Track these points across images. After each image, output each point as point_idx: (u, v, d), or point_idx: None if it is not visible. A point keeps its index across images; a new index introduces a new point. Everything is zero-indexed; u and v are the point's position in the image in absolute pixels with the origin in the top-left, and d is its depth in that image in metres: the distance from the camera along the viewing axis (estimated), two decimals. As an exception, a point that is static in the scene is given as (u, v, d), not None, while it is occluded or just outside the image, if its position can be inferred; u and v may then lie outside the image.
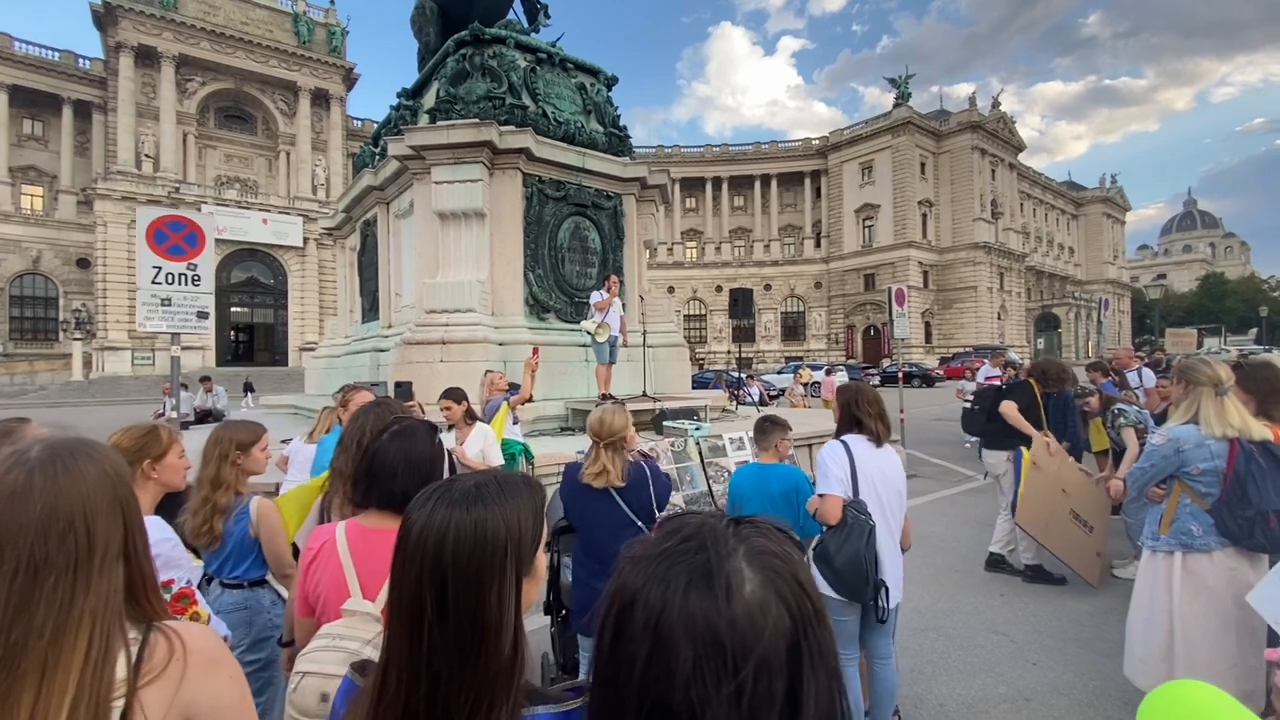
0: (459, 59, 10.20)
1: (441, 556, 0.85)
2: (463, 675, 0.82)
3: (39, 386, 34.66)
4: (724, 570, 0.54)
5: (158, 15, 39.96)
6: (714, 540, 0.57)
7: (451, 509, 0.89)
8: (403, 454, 1.63)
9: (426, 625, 0.83)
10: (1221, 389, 2.71)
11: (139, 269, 4.75)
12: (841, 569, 2.74)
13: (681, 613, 0.52)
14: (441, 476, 1.72)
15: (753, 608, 0.52)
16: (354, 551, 1.59)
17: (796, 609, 0.54)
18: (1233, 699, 0.71)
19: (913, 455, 11.36)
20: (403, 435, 1.66)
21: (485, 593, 0.84)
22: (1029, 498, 4.83)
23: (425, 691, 0.82)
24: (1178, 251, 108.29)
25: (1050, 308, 60.01)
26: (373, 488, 1.62)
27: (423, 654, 0.83)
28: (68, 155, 42.24)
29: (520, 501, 0.93)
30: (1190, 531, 2.71)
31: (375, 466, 1.61)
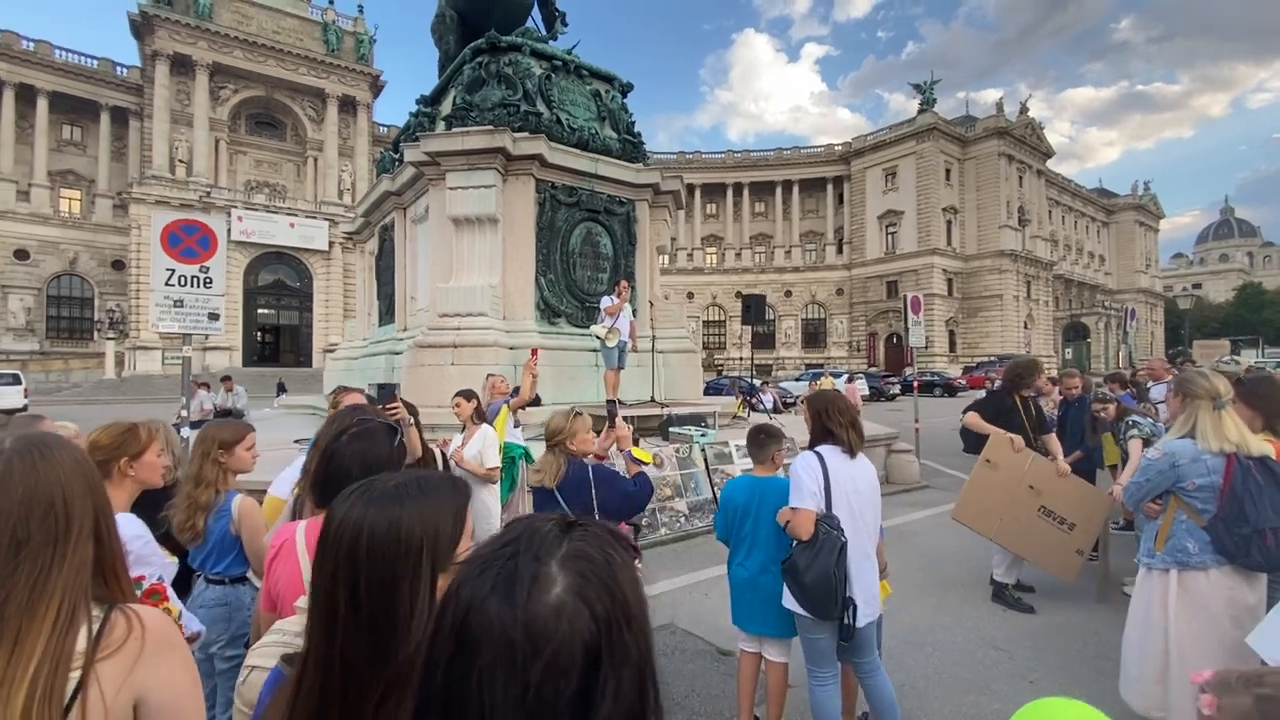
0: (475, 66, 10.35)
1: (356, 552, 0.87)
2: (374, 667, 0.85)
3: (73, 384, 35.76)
4: (531, 574, 0.55)
5: (193, 25, 41.16)
6: (531, 544, 0.58)
7: (369, 507, 0.91)
8: (359, 455, 1.65)
9: (341, 618, 0.86)
10: (1219, 403, 2.63)
11: (153, 271, 4.89)
12: (810, 585, 2.69)
13: (482, 615, 0.54)
14: None
15: (550, 611, 0.54)
16: (311, 549, 1.62)
17: (602, 612, 0.55)
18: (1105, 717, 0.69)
19: (927, 465, 11.19)
20: (361, 437, 1.69)
21: (397, 589, 0.87)
22: (973, 492, 4.80)
23: (339, 682, 0.85)
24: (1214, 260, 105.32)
25: (1079, 317, 58.67)
26: (328, 488, 1.65)
27: (337, 646, 0.86)
28: (105, 160, 43.62)
29: (440, 502, 0.95)
30: (1186, 549, 2.63)
31: (331, 467, 1.64)
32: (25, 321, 40.48)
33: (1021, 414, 5.12)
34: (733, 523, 3.15)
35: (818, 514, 2.77)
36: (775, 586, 3.00)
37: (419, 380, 8.81)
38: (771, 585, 3.00)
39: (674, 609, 4.75)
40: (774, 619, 3.00)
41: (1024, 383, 5.25)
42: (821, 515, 2.77)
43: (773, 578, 3.00)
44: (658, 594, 5.10)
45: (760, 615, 3.03)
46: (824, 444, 2.96)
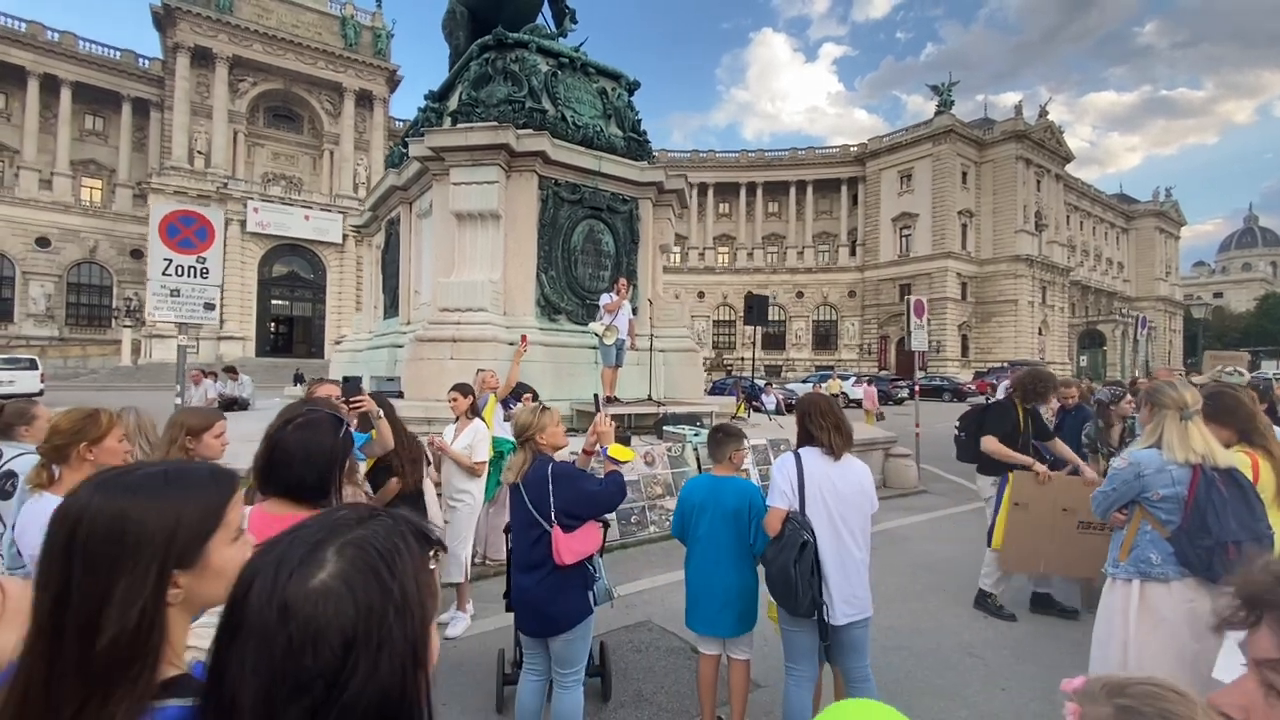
0: (482, 63, 10.40)
1: (72, 541, 0.80)
2: (79, 662, 0.77)
3: (90, 370, 36.38)
4: (301, 557, 0.58)
5: (214, 17, 41.66)
6: (319, 530, 0.61)
7: (98, 494, 0.84)
8: (301, 444, 1.69)
9: (51, 607, 0.79)
10: (1186, 413, 2.60)
11: (150, 261, 4.98)
12: (773, 578, 2.81)
13: (253, 595, 0.57)
14: (343, 468, 1.78)
15: (310, 592, 0.56)
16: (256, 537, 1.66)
17: (364, 599, 0.57)
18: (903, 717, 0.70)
19: (927, 470, 11.13)
20: (305, 426, 1.72)
21: (111, 583, 0.79)
22: (1012, 540, 4.61)
23: (42, 674, 0.77)
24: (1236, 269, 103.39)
25: (1096, 324, 57.91)
26: (270, 476, 1.69)
27: (46, 637, 0.78)
28: (126, 150, 44.29)
29: (188, 495, 0.89)
30: (1149, 559, 2.61)
31: (274, 456, 1.68)
32: (46, 308, 41.25)
33: (1025, 423, 4.95)
34: (688, 522, 3.15)
35: (788, 512, 2.84)
36: (730, 585, 3.03)
37: (418, 374, 8.90)
38: (727, 584, 3.03)
39: (653, 606, 4.78)
40: (729, 619, 3.03)
41: (1039, 397, 5.02)
42: (790, 514, 2.84)
43: (728, 577, 3.03)
44: (640, 591, 5.12)
45: (714, 616, 3.05)
46: (807, 446, 3.00)
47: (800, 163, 59.05)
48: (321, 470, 1.71)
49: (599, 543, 2.91)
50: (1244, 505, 2.50)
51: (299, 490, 1.69)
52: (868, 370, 46.14)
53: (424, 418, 7.39)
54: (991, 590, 4.85)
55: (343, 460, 1.78)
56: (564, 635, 2.79)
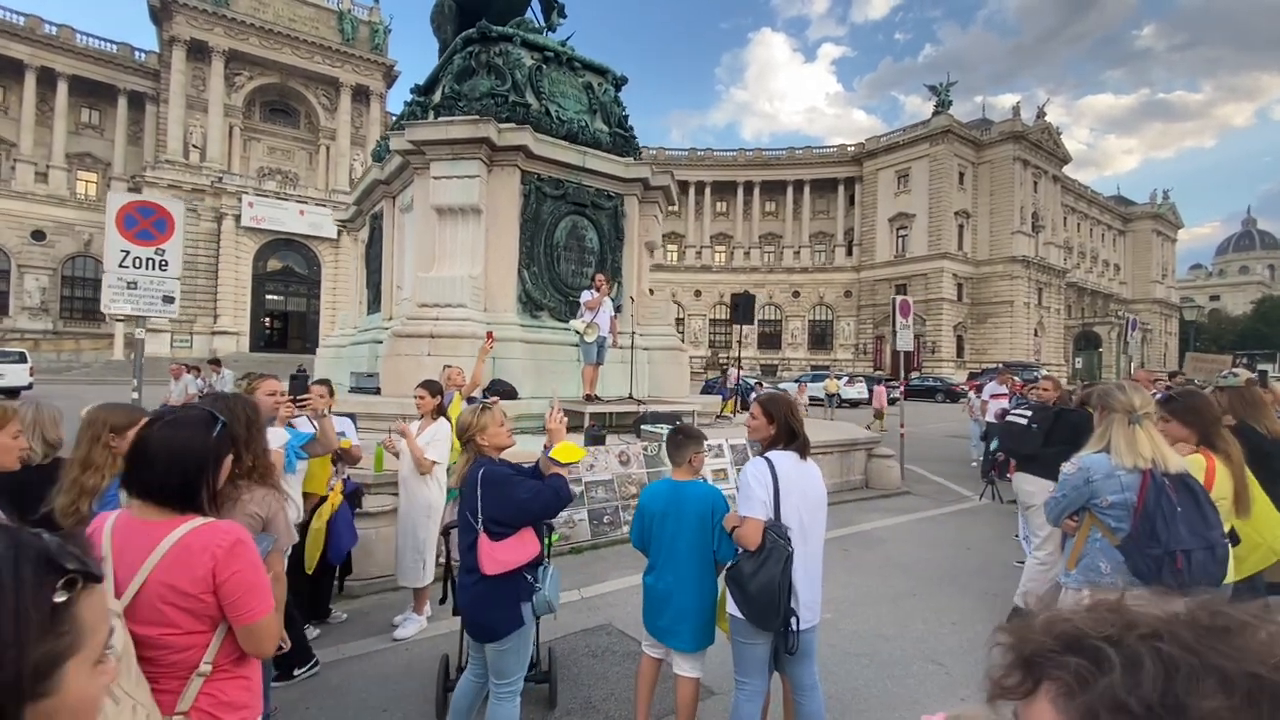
0: (465, 56, 10.29)
1: None
2: None
3: (83, 364, 36.23)
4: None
5: (210, 11, 41.42)
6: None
7: None
8: (165, 444, 1.59)
9: None
10: (1135, 416, 2.52)
11: (107, 252, 4.88)
12: (755, 595, 2.62)
13: None
14: (215, 471, 1.69)
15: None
16: (115, 542, 1.56)
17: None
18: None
19: (911, 470, 11.06)
20: (172, 425, 1.63)
21: None
22: None
23: None
24: (1234, 272, 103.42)
25: (1091, 326, 57.85)
26: (133, 477, 1.59)
27: None
28: (121, 144, 44.08)
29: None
30: (1098, 569, 2.53)
31: (135, 455, 1.58)
32: (40, 301, 41.07)
33: None
34: (648, 530, 3.01)
35: (766, 522, 2.68)
36: (690, 598, 2.90)
37: (396, 370, 8.79)
38: (686, 597, 2.89)
39: (616, 609, 4.68)
40: (687, 633, 2.89)
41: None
42: (769, 523, 2.68)
43: (689, 589, 2.90)
44: (605, 593, 5.03)
45: (672, 628, 2.90)
46: (778, 448, 2.85)
47: (797, 162, 58.92)
48: (188, 473, 1.60)
49: (532, 554, 2.75)
50: (1196, 512, 2.41)
51: (162, 494, 1.59)
52: (864, 369, 46.06)
53: (400, 414, 7.29)
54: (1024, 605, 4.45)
55: (215, 463, 1.68)
56: (494, 645, 2.69)
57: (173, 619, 1.53)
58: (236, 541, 1.59)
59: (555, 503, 2.77)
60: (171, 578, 1.52)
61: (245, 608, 1.58)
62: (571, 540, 6.24)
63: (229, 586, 1.56)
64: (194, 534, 1.56)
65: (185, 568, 1.53)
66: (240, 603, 1.57)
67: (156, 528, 1.56)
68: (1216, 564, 2.34)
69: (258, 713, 1.72)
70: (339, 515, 4.33)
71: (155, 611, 1.51)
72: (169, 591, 1.52)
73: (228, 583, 1.55)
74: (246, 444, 2.33)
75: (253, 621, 1.60)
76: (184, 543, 1.54)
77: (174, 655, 1.54)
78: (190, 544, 1.54)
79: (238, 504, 2.21)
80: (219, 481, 1.70)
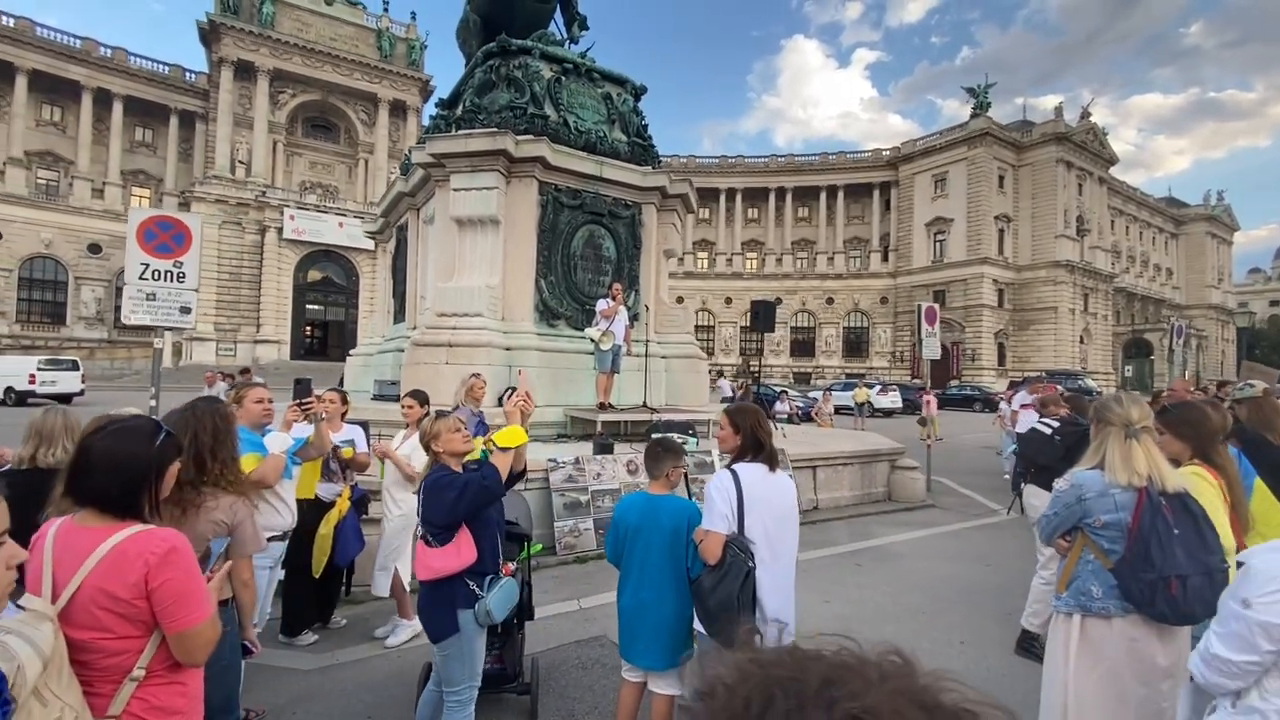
0: (486, 70, 10.47)
1: None
2: None
3: (135, 371, 37.90)
4: None
5: (256, 32, 43.19)
6: None
7: None
8: (107, 453, 1.62)
9: None
10: (1132, 429, 2.37)
11: (127, 265, 5.08)
12: (713, 610, 2.59)
13: None
14: (158, 480, 1.71)
15: None
16: (56, 548, 1.60)
17: None
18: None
19: (939, 483, 10.76)
20: (115, 434, 1.66)
21: None
22: None
23: None
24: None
25: (1142, 333, 55.52)
26: (74, 485, 1.62)
27: None
28: (172, 160, 46.14)
29: None
30: (1089, 592, 2.38)
31: (77, 463, 1.62)
32: (96, 311, 43.14)
33: None
34: (622, 545, 2.96)
35: (728, 536, 2.64)
36: (666, 615, 2.84)
37: (415, 377, 8.89)
38: (662, 614, 2.83)
39: (612, 620, 4.60)
40: (661, 651, 2.83)
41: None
42: (731, 537, 2.64)
43: (665, 606, 2.84)
44: (603, 604, 4.98)
45: (647, 646, 2.85)
46: (746, 459, 2.82)
47: (831, 167, 58.18)
48: (130, 481, 1.64)
49: (466, 561, 2.67)
50: (1195, 536, 2.26)
51: (104, 502, 1.63)
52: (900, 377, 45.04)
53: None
54: (1040, 631, 4.13)
55: (158, 472, 1.70)
56: (436, 650, 2.71)
57: (106, 623, 1.56)
58: (170, 550, 1.62)
59: (482, 495, 2.68)
60: (105, 583, 1.56)
61: (176, 615, 1.61)
62: (576, 550, 6.22)
63: (161, 593, 1.59)
64: (129, 540, 1.60)
65: (119, 573, 1.57)
66: (171, 610, 1.60)
67: (94, 534, 1.61)
68: (1214, 590, 2.18)
69: (196, 717, 1.73)
70: (347, 521, 4.41)
71: (89, 616, 1.55)
72: (102, 596, 1.56)
73: (160, 589, 1.59)
74: (213, 452, 2.38)
75: (184, 629, 1.62)
76: (119, 549, 1.58)
77: (107, 660, 1.57)
78: (125, 550, 1.59)
79: (201, 510, 2.25)
80: (163, 490, 1.73)
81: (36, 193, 42.39)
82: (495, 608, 2.70)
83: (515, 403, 2.88)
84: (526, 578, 3.53)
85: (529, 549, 3.56)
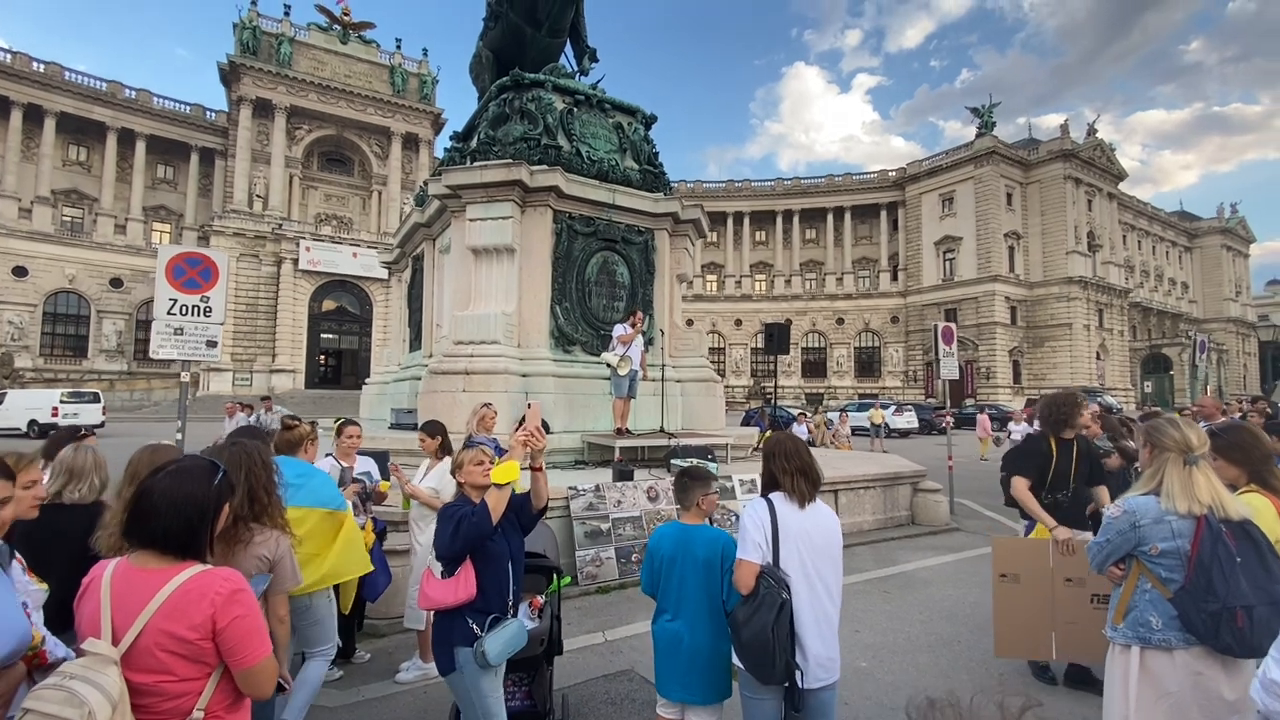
0: (500, 103, 10.67)
1: None
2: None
3: (154, 403, 38.37)
4: None
5: (274, 71, 44.47)
6: None
7: None
8: (168, 494, 1.63)
9: None
10: (1191, 456, 2.30)
11: (156, 300, 5.15)
12: (747, 643, 2.50)
13: None
14: (216, 518, 1.71)
15: None
16: (114, 591, 1.59)
17: None
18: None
19: (962, 505, 10.57)
20: (176, 475, 1.67)
21: None
22: (1002, 620, 3.92)
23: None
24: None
25: (1160, 348, 54.83)
26: (135, 527, 1.62)
27: None
28: (193, 196, 47.27)
29: None
30: (1149, 623, 2.29)
31: (139, 505, 1.62)
32: (117, 344, 43.85)
33: (1062, 460, 4.21)
34: (658, 575, 2.89)
35: (761, 566, 2.57)
36: (701, 647, 2.76)
37: (432, 406, 8.92)
38: (697, 645, 2.75)
39: (640, 653, 4.53)
40: (699, 684, 2.75)
41: (1063, 423, 4.27)
42: (765, 568, 2.57)
43: (699, 637, 2.77)
44: (630, 636, 4.90)
45: (683, 680, 2.77)
46: (775, 491, 2.78)
47: (837, 189, 58.52)
48: (191, 522, 1.64)
49: (463, 597, 2.61)
50: (1258, 564, 2.18)
51: (165, 543, 1.63)
52: (913, 398, 44.62)
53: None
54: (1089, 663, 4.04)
55: (216, 511, 1.71)
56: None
57: (169, 666, 1.56)
58: (236, 589, 1.64)
59: (471, 531, 2.60)
60: (171, 624, 1.56)
61: (245, 652, 1.62)
62: (599, 580, 6.14)
63: (229, 633, 1.60)
64: (193, 581, 1.60)
65: (184, 615, 1.57)
66: (239, 648, 1.61)
67: (156, 575, 1.61)
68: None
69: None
70: (373, 555, 4.36)
71: (152, 659, 1.55)
72: (167, 639, 1.56)
73: (228, 629, 1.60)
74: (266, 488, 2.39)
75: (252, 665, 1.64)
76: (183, 589, 1.59)
77: (167, 703, 1.57)
78: (189, 590, 1.59)
79: (250, 545, 2.25)
80: (218, 528, 1.74)
81: (62, 230, 43.47)
82: (491, 650, 2.57)
83: (520, 437, 2.75)
84: (556, 611, 3.46)
85: (558, 582, 3.49)
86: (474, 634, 2.61)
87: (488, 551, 2.70)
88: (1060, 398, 4.48)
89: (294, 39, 46.10)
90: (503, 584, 2.74)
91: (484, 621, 2.64)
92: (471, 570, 2.65)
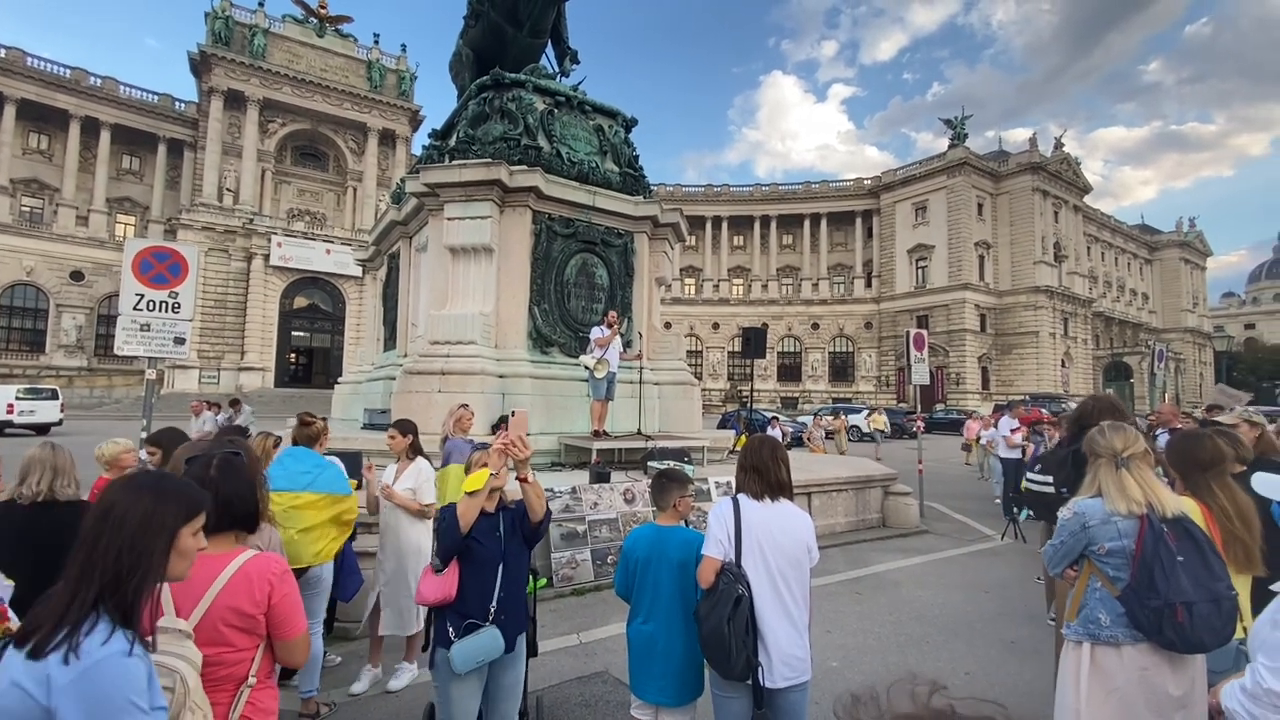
0: (480, 102, 10.63)
1: None
2: None
3: (114, 400, 37.22)
4: None
5: (247, 63, 43.55)
6: None
7: None
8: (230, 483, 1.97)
9: None
10: (1120, 459, 2.43)
11: (122, 295, 5.05)
12: (705, 637, 2.56)
13: None
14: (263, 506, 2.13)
15: None
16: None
17: None
18: None
19: (932, 508, 10.79)
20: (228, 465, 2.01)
21: None
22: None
23: None
24: (1268, 300, 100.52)
25: (1121, 356, 56.53)
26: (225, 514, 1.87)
27: None
28: (159, 188, 45.99)
29: None
30: (1098, 620, 2.40)
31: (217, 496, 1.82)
32: (76, 339, 42.46)
33: None
34: (633, 577, 2.92)
35: (722, 562, 2.63)
36: (676, 649, 2.79)
37: (407, 406, 8.82)
38: (672, 648, 2.78)
39: (614, 655, 4.56)
40: (673, 686, 2.78)
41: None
42: (725, 564, 2.63)
43: (674, 639, 2.79)
44: (604, 638, 4.92)
45: (658, 682, 2.79)
46: (743, 491, 2.84)
47: (814, 196, 59.31)
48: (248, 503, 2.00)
49: (442, 595, 2.62)
50: (1200, 562, 2.29)
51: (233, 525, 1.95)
52: (886, 402, 45.36)
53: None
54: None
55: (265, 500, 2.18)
56: None
57: (230, 638, 1.78)
58: (285, 570, 1.91)
59: (443, 537, 2.67)
60: (235, 601, 1.78)
61: (291, 625, 1.86)
62: (574, 581, 6.15)
63: (280, 607, 1.83)
64: (251, 563, 1.86)
65: (247, 592, 1.80)
66: (287, 621, 1.85)
67: (216, 560, 1.82)
68: (1222, 618, 2.21)
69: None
70: (345, 558, 4.29)
71: (216, 632, 1.76)
72: (232, 614, 1.77)
73: (280, 604, 1.83)
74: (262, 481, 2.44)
75: (295, 636, 1.88)
76: (244, 570, 1.83)
77: (225, 671, 1.77)
78: (249, 571, 1.83)
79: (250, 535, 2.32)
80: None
81: (20, 220, 41.97)
82: (457, 657, 2.55)
83: (498, 445, 2.68)
84: (531, 613, 3.47)
85: (534, 584, 3.51)
86: (449, 638, 2.61)
87: (473, 554, 2.68)
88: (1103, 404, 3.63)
89: (268, 30, 45.22)
90: (486, 589, 2.69)
91: (460, 626, 2.63)
92: (455, 572, 2.65)
